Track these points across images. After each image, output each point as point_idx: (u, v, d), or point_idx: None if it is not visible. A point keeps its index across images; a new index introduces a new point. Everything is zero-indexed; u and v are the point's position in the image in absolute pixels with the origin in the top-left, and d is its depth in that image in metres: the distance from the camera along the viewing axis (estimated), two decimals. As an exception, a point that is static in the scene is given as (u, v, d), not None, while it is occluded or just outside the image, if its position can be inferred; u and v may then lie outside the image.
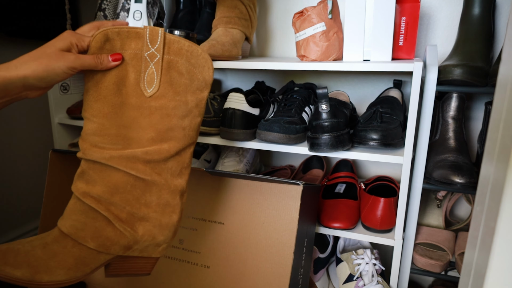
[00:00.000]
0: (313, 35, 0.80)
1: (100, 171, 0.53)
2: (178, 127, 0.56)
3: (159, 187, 0.56)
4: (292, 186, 0.70)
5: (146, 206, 0.55)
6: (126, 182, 0.53)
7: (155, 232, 0.56)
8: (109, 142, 0.52)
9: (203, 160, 1.08)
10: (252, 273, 0.71)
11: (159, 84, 0.54)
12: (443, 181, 0.78)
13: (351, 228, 0.83)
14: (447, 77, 0.76)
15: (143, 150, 0.53)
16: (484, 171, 0.35)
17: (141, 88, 0.53)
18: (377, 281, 0.83)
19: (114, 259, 0.55)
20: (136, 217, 0.55)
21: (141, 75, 0.53)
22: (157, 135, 0.54)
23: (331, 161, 1.15)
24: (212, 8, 1.04)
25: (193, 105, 0.57)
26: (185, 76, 0.55)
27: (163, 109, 0.54)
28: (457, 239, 0.92)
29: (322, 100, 0.73)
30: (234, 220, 0.74)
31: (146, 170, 0.54)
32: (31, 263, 0.47)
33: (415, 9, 0.79)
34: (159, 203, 0.56)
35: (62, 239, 0.51)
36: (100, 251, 0.52)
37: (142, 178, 0.54)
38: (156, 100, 0.54)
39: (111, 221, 0.53)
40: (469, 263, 0.36)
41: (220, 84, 1.23)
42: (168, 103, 0.54)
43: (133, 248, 0.56)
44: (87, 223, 0.52)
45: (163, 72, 0.54)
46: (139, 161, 0.54)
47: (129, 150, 0.53)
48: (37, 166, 1.31)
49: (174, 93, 0.55)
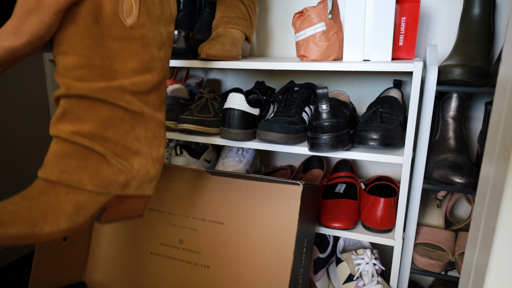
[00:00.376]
0: (313, 35, 0.80)
1: (87, 107, 0.50)
2: (157, 58, 0.55)
3: (146, 119, 0.55)
4: (292, 186, 0.70)
5: (137, 140, 0.54)
6: (116, 116, 0.52)
7: (148, 165, 0.56)
8: (95, 74, 0.50)
9: (203, 160, 1.08)
10: (252, 273, 0.71)
11: (138, 13, 0.52)
12: (443, 181, 0.78)
13: (351, 228, 0.83)
14: (447, 77, 0.76)
15: (130, 81, 0.52)
16: (484, 171, 0.35)
17: (120, 18, 0.51)
18: (377, 281, 0.83)
19: (110, 203, 0.54)
20: (130, 151, 0.53)
21: (119, 4, 0.51)
22: (140, 66, 0.53)
23: (331, 161, 1.15)
24: (212, 8, 1.04)
25: (165, 37, 0.57)
26: (158, 6, 0.55)
27: (143, 39, 0.53)
28: (457, 239, 0.93)
29: (322, 100, 0.73)
30: (234, 220, 0.74)
31: (135, 102, 0.53)
32: (25, 218, 0.46)
33: (415, 9, 0.79)
34: (147, 136, 0.55)
35: (51, 189, 0.49)
36: (99, 191, 0.51)
37: (131, 110, 0.53)
38: (136, 30, 0.52)
39: (106, 158, 0.51)
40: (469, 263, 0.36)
41: (220, 84, 1.23)
42: (148, 33, 0.53)
43: (130, 185, 0.54)
44: (80, 165, 0.50)
45: (141, 1, 0.52)
46: (127, 92, 0.52)
47: (116, 81, 0.51)
48: (37, 166, 1.31)
49: (151, 23, 0.54)
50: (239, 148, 1.04)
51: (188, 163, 1.03)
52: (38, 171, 0.51)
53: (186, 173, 0.79)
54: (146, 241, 0.81)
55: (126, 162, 0.53)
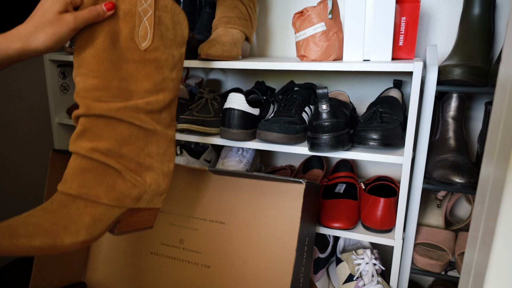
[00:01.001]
0: (313, 35, 0.80)
1: (105, 125, 0.54)
2: (169, 79, 0.59)
3: (158, 136, 0.59)
4: (294, 184, 0.70)
5: (149, 156, 0.58)
6: (131, 134, 0.55)
7: (159, 180, 0.59)
8: (112, 95, 0.54)
9: (203, 160, 1.08)
10: (253, 273, 0.71)
11: (152, 38, 0.56)
12: (443, 181, 0.78)
13: (351, 228, 0.83)
14: (447, 77, 0.76)
15: (144, 101, 0.56)
16: (484, 171, 0.35)
17: (136, 43, 0.55)
18: (377, 281, 0.83)
19: (123, 215, 0.57)
20: (143, 167, 0.57)
21: (135, 29, 0.55)
22: (153, 87, 0.57)
23: (331, 161, 1.15)
24: (212, 8, 1.04)
25: (177, 59, 0.60)
26: (171, 31, 0.58)
27: (156, 61, 0.57)
28: (457, 239, 0.93)
29: (322, 100, 0.73)
30: (235, 220, 0.74)
31: (148, 120, 0.57)
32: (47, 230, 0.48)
33: (415, 9, 0.80)
34: (158, 152, 0.59)
35: (71, 202, 0.52)
36: (114, 205, 0.54)
37: (145, 128, 0.56)
38: (150, 53, 0.56)
39: (121, 173, 0.54)
40: (469, 263, 0.36)
41: (220, 84, 1.23)
42: (161, 56, 0.57)
43: (142, 199, 0.58)
44: (98, 180, 0.53)
45: (155, 26, 0.56)
46: (142, 112, 0.56)
47: (132, 101, 0.55)
48: (37, 166, 1.31)
49: (164, 46, 0.58)
50: (239, 148, 1.04)
51: (188, 163, 1.03)
52: (58, 185, 0.54)
53: (187, 172, 0.79)
54: (146, 241, 0.81)
55: (140, 177, 0.57)
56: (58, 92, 1.11)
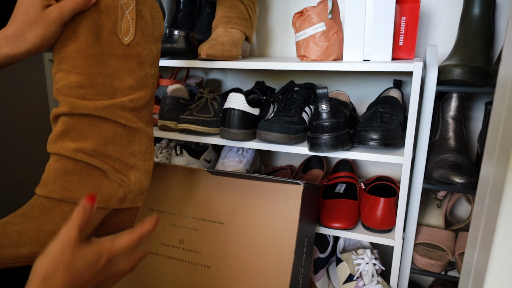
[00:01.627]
0: (313, 35, 0.80)
1: (89, 125, 0.51)
2: (149, 75, 0.57)
3: (140, 135, 0.57)
4: (293, 185, 0.70)
5: (132, 155, 0.56)
6: (115, 133, 0.53)
7: (142, 179, 0.58)
8: (97, 93, 0.51)
9: (203, 160, 1.08)
10: (253, 273, 0.71)
11: (134, 32, 0.54)
12: (443, 181, 0.78)
13: (351, 228, 0.83)
14: (447, 77, 0.76)
15: (128, 98, 0.54)
16: (484, 171, 0.35)
17: (119, 37, 0.53)
18: (377, 281, 0.83)
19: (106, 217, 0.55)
20: (127, 166, 0.55)
21: (117, 23, 0.52)
22: (136, 83, 0.55)
23: (331, 161, 1.15)
24: (212, 8, 1.04)
25: (155, 54, 0.59)
26: (150, 26, 0.57)
27: (139, 56, 0.55)
28: (457, 239, 0.92)
29: (322, 100, 0.73)
30: (235, 220, 0.74)
31: (132, 118, 0.55)
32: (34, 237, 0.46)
33: (415, 9, 0.79)
34: (140, 150, 0.57)
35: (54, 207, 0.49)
36: (100, 207, 0.52)
37: (129, 126, 0.55)
38: (133, 48, 0.54)
39: (107, 174, 0.52)
40: (469, 263, 0.36)
41: (220, 84, 1.23)
42: (142, 51, 0.55)
43: (127, 199, 0.56)
44: (83, 182, 0.50)
45: (137, 21, 0.54)
46: (126, 110, 0.54)
47: (117, 99, 0.53)
48: (37, 166, 1.31)
49: (145, 41, 0.56)
50: (239, 148, 1.04)
51: (188, 163, 1.03)
52: (36, 188, 0.51)
53: (186, 173, 0.79)
54: (146, 241, 0.81)
55: (125, 176, 0.55)
56: (58, 92, 1.11)
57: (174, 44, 0.89)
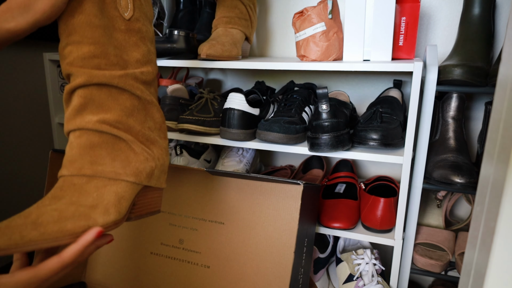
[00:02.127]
0: (313, 35, 0.80)
1: (108, 95, 0.50)
2: (151, 52, 0.57)
3: (154, 109, 0.56)
4: (293, 185, 0.70)
5: (150, 130, 0.55)
6: (133, 105, 0.52)
7: (164, 155, 0.56)
8: (111, 63, 0.50)
9: (203, 160, 1.08)
10: (253, 273, 0.71)
11: (133, 8, 0.54)
12: (443, 181, 0.78)
13: (351, 228, 0.83)
14: (447, 77, 0.76)
15: (139, 70, 0.53)
16: (484, 171, 0.35)
17: (120, 12, 0.52)
18: (377, 281, 0.83)
19: (137, 197, 0.53)
20: (149, 140, 0.54)
21: None
22: (142, 57, 0.54)
23: (331, 161, 1.15)
24: (212, 8, 1.04)
25: (151, 34, 0.58)
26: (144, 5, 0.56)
27: (140, 32, 0.54)
28: (457, 239, 0.92)
29: (322, 100, 0.73)
30: (234, 220, 0.74)
31: (145, 91, 0.54)
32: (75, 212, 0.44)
33: (415, 9, 0.79)
34: (155, 127, 0.56)
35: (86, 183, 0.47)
36: (132, 181, 0.50)
37: (144, 98, 0.53)
38: (133, 23, 0.54)
39: (132, 147, 0.51)
40: (469, 263, 0.36)
41: (220, 84, 1.23)
42: (142, 27, 0.55)
43: (154, 175, 0.54)
44: (111, 155, 0.49)
45: None
46: (139, 81, 0.53)
47: (129, 70, 0.52)
48: (37, 166, 1.31)
49: (143, 19, 0.56)
50: (239, 148, 1.04)
51: (188, 163, 1.03)
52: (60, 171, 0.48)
53: (186, 173, 0.79)
54: (146, 241, 0.81)
55: (150, 149, 0.53)
56: (58, 92, 1.11)
57: (174, 44, 0.89)
